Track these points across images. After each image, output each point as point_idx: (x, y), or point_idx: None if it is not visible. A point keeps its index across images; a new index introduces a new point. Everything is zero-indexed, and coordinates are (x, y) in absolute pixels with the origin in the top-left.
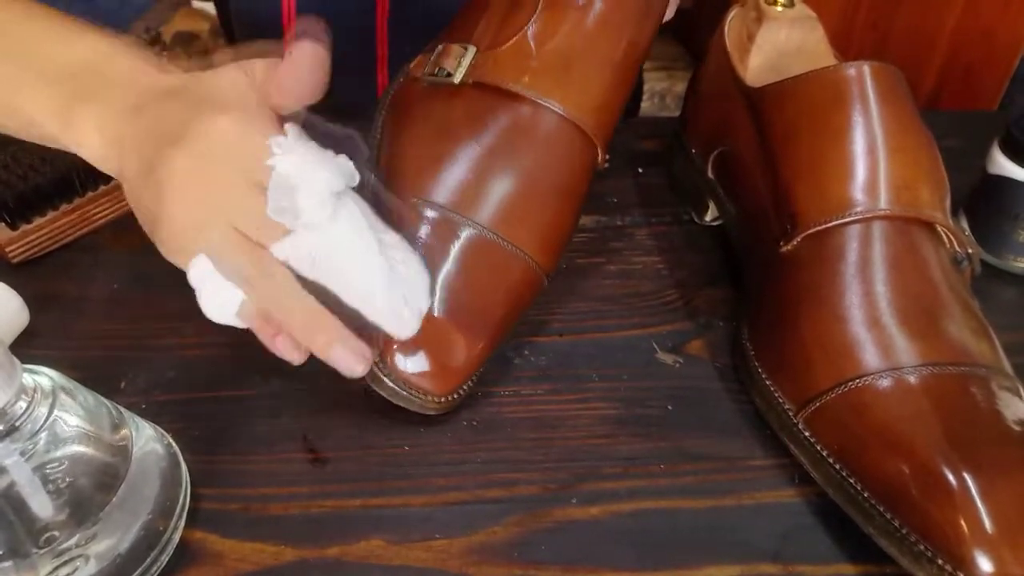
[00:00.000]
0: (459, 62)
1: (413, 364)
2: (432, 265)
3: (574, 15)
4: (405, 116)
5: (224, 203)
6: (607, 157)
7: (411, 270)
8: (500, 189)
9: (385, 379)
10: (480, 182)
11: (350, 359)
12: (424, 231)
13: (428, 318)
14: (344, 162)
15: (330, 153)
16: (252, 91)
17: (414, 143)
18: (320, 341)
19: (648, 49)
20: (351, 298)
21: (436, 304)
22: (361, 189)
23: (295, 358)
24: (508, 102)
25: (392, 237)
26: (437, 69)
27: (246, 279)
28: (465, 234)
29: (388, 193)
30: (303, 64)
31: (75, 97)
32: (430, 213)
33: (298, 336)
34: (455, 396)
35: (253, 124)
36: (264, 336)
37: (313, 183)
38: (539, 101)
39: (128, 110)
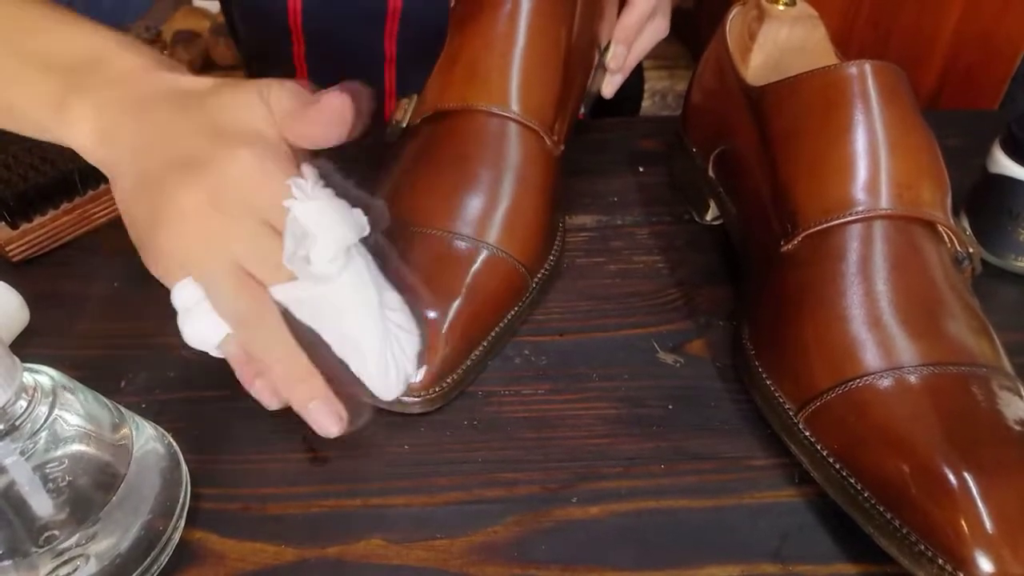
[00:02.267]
0: (405, 111)
1: None
2: (401, 271)
3: (472, 27)
4: (381, 172)
5: (231, 238)
6: (557, 139)
7: (405, 335)
8: (459, 195)
9: None
10: (436, 196)
11: (326, 419)
12: (391, 243)
13: (427, 322)
14: (358, 215)
15: (345, 203)
16: (271, 121)
17: (387, 182)
18: (299, 394)
19: (577, 30)
20: (342, 350)
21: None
22: (373, 250)
23: (271, 404)
24: (445, 120)
25: (393, 298)
26: (393, 123)
27: (239, 318)
28: (425, 239)
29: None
30: (333, 110)
31: (71, 88)
32: (398, 228)
33: (278, 384)
34: (435, 392)
35: (274, 161)
36: (242, 374)
37: (328, 234)
38: (465, 109)
39: (128, 106)
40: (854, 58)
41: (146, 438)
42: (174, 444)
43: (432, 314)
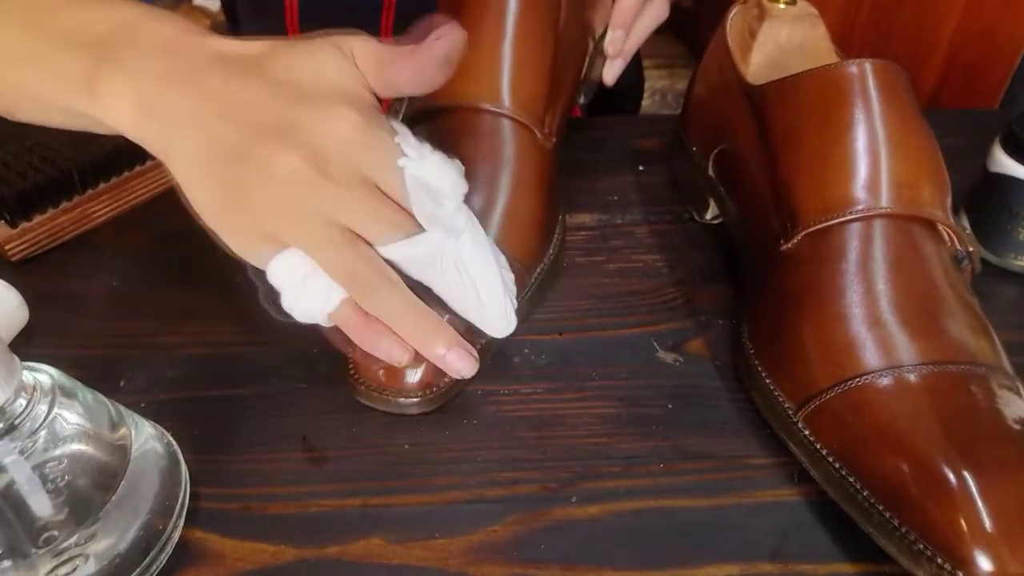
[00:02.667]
0: (397, 111)
1: (380, 363)
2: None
3: (462, 18)
4: None
5: (337, 201)
6: (548, 132)
7: (509, 274)
8: None
9: (360, 386)
10: None
11: (465, 363)
12: None
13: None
14: (460, 167)
15: (445, 156)
16: (359, 76)
17: None
18: (435, 346)
19: (559, 18)
20: (462, 300)
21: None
22: None
23: (404, 358)
24: (437, 119)
25: (502, 258)
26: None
27: (359, 280)
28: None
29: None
30: (450, 49)
31: (102, 62)
32: None
33: (411, 340)
34: (433, 391)
35: (374, 116)
36: (365, 340)
37: (452, 188)
38: (453, 103)
39: (173, 77)
40: (854, 57)
41: (145, 437)
42: (173, 443)
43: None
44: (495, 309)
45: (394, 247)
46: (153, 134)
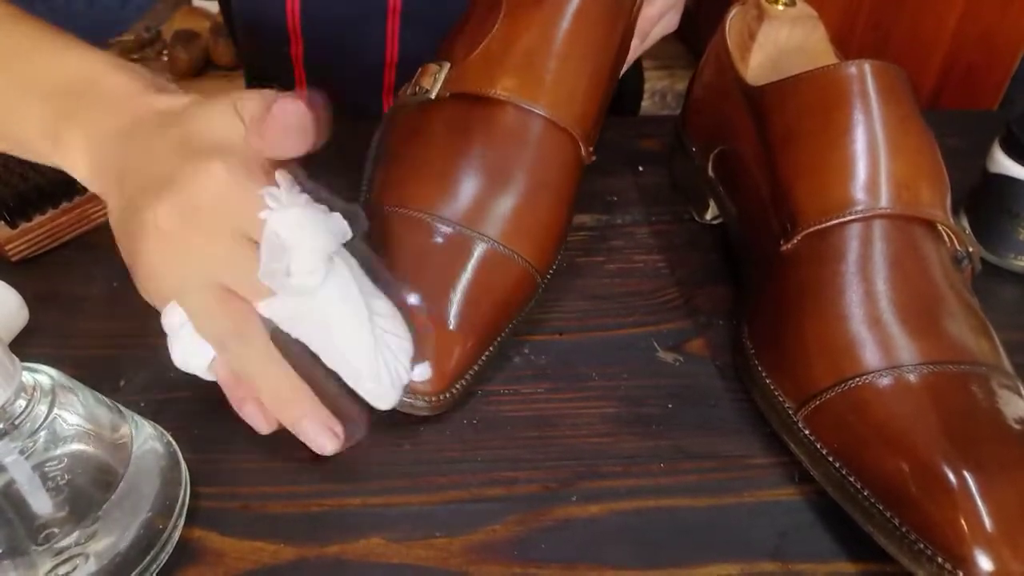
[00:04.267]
0: (435, 79)
1: None
2: (415, 267)
3: (537, 15)
4: (392, 135)
5: (208, 257)
6: (592, 150)
7: (396, 340)
8: (482, 192)
9: None
10: (460, 186)
11: (320, 436)
12: (407, 236)
13: (415, 319)
14: (338, 221)
15: (323, 209)
16: (240, 131)
17: (399, 157)
18: (290, 414)
19: (627, 40)
20: (334, 363)
21: (424, 305)
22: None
23: (262, 427)
24: (482, 108)
25: (383, 304)
26: (417, 88)
27: (221, 340)
28: (445, 236)
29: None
30: (287, 115)
31: (63, 116)
32: (413, 218)
33: (268, 405)
34: (446, 396)
35: (246, 171)
36: (232, 397)
37: (307, 244)
38: (510, 102)
39: (115, 135)
40: (854, 58)
41: (145, 437)
42: (173, 443)
43: (453, 321)
44: (368, 374)
45: (265, 305)
46: (98, 187)
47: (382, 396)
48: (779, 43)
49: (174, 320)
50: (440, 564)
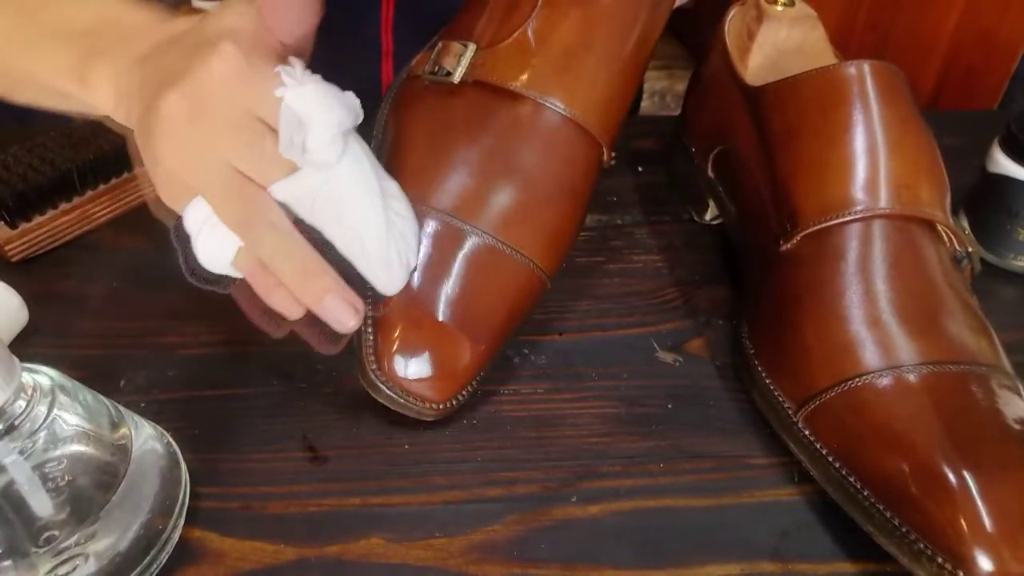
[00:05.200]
0: (459, 60)
1: (412, 370)
2: (432, 270)
3: (576, 10)
4: (406, 116)
5: (223, 141)
6: (613, 155)
7: (406, 223)
8: (501, 193)
9: (382, 386)
10: (480, 186)
11: (343, 311)
12: (424, 237)
13: (428, 323)
14: (352, 99)
15: (336, 88)
16: (256, 16)
17: (415, 145)
18: (313, 290)
19: (656, 44)
20: (345, 244)
21: (436, 309)
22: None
23: (292, 312)
24: (509, 102)
25: (392, 186)
26: (437, 67)
27: (242, 223)
28: (466, 240)
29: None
30: None
31: (90, 53)
32: (431, 218)
33: (291, 286)
34: (453, 403)
35: (256, 51)
36: (260, 287)
37: (325, 118)
38: (540, 100)
39: (137, 61)
40: (853, 58)
41: (145, 437)
42: (173, 443)
43: (479, 335)
44: (377, 257)
45: (278, 187)
46: (123, 111)
47: (391, 279)
48: (778, 43)
49: (197, 216)
50: (440, 564)
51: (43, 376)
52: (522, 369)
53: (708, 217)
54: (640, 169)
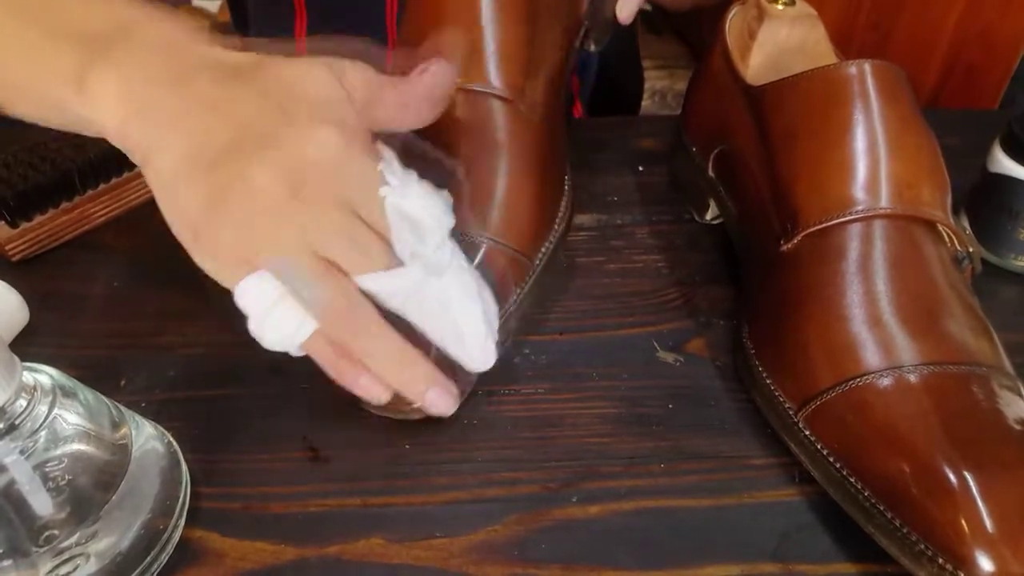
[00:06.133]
0: None
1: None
2: None
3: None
4: None
5: (313, 225)
6: (531, 103)
7: (493, 309)
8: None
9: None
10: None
11: (446, 402)
12: None
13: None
14: (447, 197)
15: (432, 186)
16: (347, 100)
17: None
18: (414, 383)
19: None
20: (441, 337)
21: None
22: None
23: (382, 396)
24: None
25: (474, 271)
26: None
27: (330, 309)
28: None
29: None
30: (435, 85)
31: (94, 57)
32: None
33: (385, 376)
34: None
35: (358, 144)
36: (338, 372)
37: (434, 221)
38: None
39: (164, 79)
40: (854, 57)
41: (146, 437)
42: (174, 443)
43: None
44: (476, 345)
45: (371, 278)
46: (137, 135)
47: (485, 362)
48: (779, 43)
49: (264, 293)
50: (440, 564)
51: (44, 375)
52: (522, 369)
53: (708, 217)
54: (640, 169)
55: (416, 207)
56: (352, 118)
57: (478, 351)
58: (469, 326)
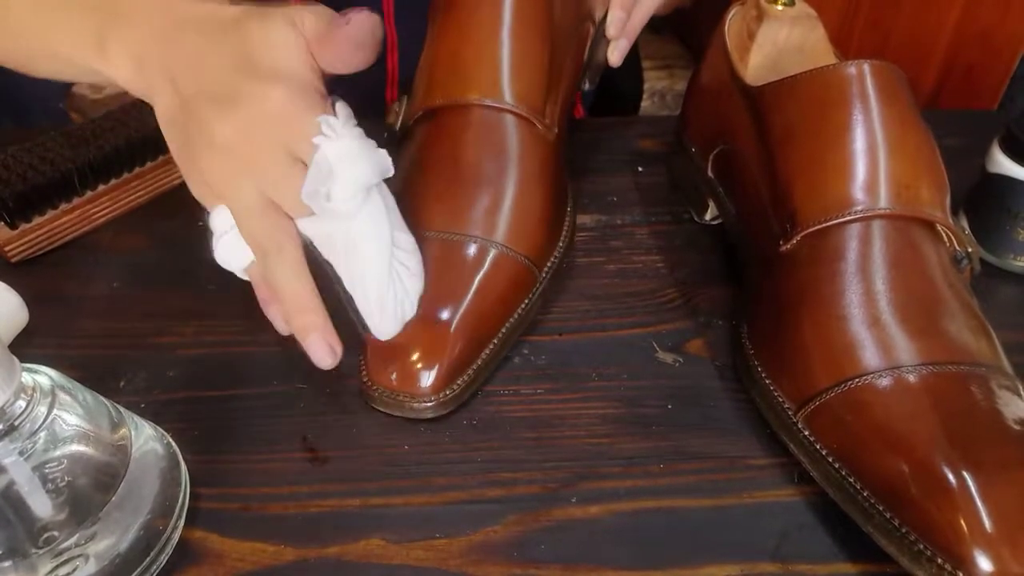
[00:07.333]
0: (397, 114)
1: (393, 368)
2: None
3: (453, 16)
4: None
5: (261, 172)
6: (549, 123)
7: (412, 278)
8: (455, 194)
9: (374, 392)
10: (434, 195)
11: (321, 350)
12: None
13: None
14: (383, 156)
15: (372, 143)
16: (304, 53)
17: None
18: (300, 324)
19: (559, 10)
20: (351, 284)
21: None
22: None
23: (281, 328)
24: (437, 118)
25: (406, 239)
26: (386, 128)
27: (260, 247)
28: (426, 243)
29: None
30: (363, 29)
31: (108, 21)
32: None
33: (285, 313)
34: (447, 394)
35: (306, 98)
36: (261, 297)
37: (351, 173)
38: (457, 103)
39: (161, 32)
40: (853, 58)
41: (145, 438)
42: (173, 444)
43: (443, 315)
44: (375, 302)
45: (306, 222)
46: (141, 85)
47: (383, 324)
48: (778, 43)
49: (222, 222)
50: (440, 565)
51: (43, 376)
52: (522, 369)
53: (708, 217)
54: (640, 169)
55: (337, 158)
56: (306, 73)
57: (376, 309)
58: (370, 280)
